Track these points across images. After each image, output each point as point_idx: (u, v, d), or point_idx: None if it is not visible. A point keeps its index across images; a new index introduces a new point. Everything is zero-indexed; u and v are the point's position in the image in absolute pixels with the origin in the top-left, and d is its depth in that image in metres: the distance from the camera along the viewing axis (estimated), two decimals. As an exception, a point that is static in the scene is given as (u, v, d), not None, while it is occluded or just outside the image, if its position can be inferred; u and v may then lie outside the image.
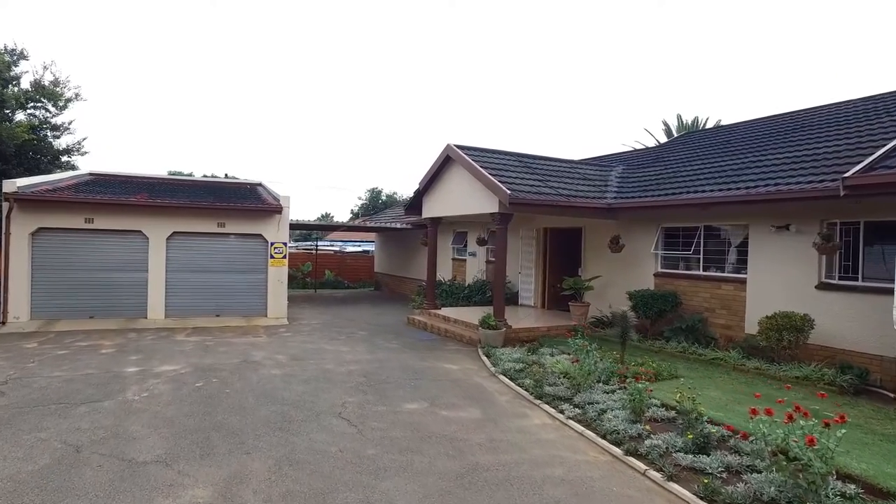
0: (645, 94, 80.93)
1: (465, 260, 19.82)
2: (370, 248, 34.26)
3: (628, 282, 12.68)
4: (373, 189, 61.96)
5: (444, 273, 20.64)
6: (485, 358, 10.19)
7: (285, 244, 15.25)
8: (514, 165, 12.96)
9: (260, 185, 19.31)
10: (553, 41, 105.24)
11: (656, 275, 12.18)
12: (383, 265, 26.84)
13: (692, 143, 15.63)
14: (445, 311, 14.49)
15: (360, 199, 63.02)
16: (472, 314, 13.97)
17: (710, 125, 33.15)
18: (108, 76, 75.91)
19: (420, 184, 14.59)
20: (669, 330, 11.08)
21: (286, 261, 15.25)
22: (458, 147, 12.99)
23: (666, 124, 35.26)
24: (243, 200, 15.04)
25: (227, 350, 10.62)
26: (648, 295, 11.23)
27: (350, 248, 33.24)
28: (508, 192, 10.97)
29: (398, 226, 21.50)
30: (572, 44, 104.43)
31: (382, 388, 8.07)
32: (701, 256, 11.29)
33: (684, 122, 34.82)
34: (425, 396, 7.66)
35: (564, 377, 8.26)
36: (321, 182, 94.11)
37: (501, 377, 8.74)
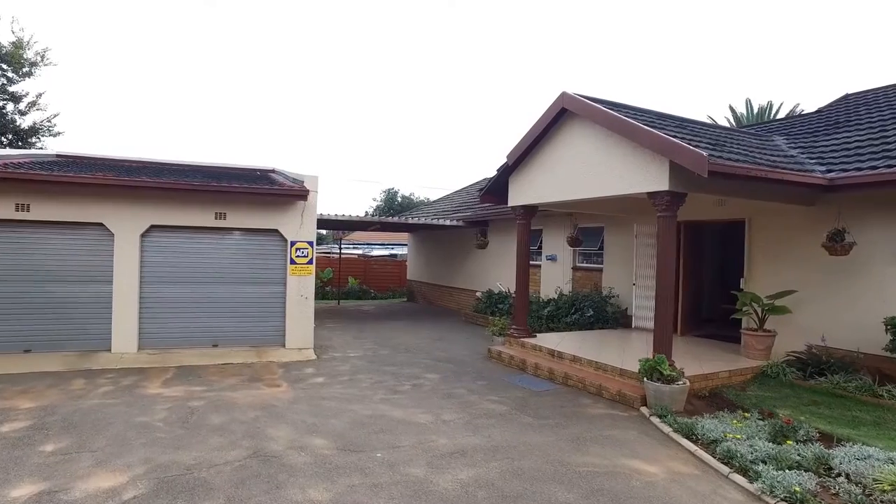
0: (670, 90, 76.39)
1: (538, 266, 15.28)
2: (399, 251, 29.81)
3: (839, 301, 8.18)
4: (388, 190, 57.46)
5: (508, 281, 16.09)
6: (686, 443, 5.64)
7: (311, 244, 10.79)
8: (667, 125, 8.44)
9: (273, 171, 14.85)
10: (589, 39, 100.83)
11: (907, 291, 7.61)
12: (419, 272, 22.34)
13: (887, 101, 11.04)
14: (545, 342, 9.96)
15: (374, 200, 58.60)
16: (589, 345, 9.48)
17: (784, 111, 28.98)
18: (103, 53, 71.97)
19: (509, 157, 10.07)
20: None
21: (313, 267, 10.78)
22: (586, 97, 8.51)
23: (733, 110, 31.09)
24: (252, 184, 10.59)
25: (223, 422, 6.13)
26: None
27: (376, 252, 28.80)
28: (706, 154, 6.47)
29: (447, 223, 17.01)
30: (613, 37, 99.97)
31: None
32: None
33: (753, 108, 30.72)
34: None
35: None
36: (337, 173, 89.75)
37: (800, 516, 4.18)
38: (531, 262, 15.51)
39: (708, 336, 10.91)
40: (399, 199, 55.12)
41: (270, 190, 10.16)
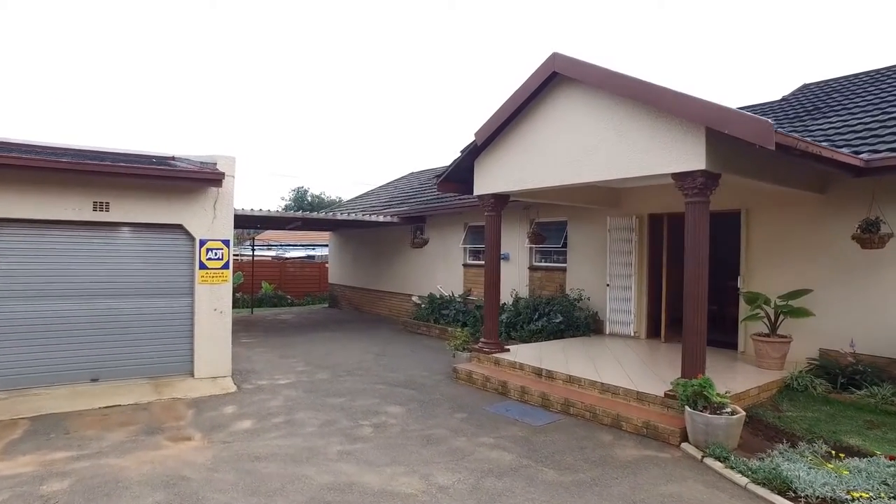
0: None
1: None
2: (316, 252, 27.20)
3: (869, 300, 7.22)
4: (298, 188, 54.40)
5: (451, 284, 14.43)
6: (783, 503, 4.17)
7: (227, 244, 8.46)
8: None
9: (173, 157, 12.11)
10: (496, 36, 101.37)
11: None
12: (343, 274, 20.06)
13: (861, 87, 10.48)
14: (523, 357, 8.32)
15: (283, 199, 55.07)
16: (577, 360, 7.96)
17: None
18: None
19: (477, 136, 8.32)
20: None
21: (229, 273, 8.46)
22: (585, 63, 6.93)
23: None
24: (146, 165, 8.08)
25: (105, 521, 3.88)
26: None
27: (292, 254, 26.05)
28: (772, 122, 5.09)
29: (381, 219, 14.99)
30: (525, 38, 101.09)
31: None
32: None
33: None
34: None
35: None
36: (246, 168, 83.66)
37: None
38: (478, 263, 13.97)
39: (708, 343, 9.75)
40: (309, 199, 52.15)
41: (172, 172, 7.74)
